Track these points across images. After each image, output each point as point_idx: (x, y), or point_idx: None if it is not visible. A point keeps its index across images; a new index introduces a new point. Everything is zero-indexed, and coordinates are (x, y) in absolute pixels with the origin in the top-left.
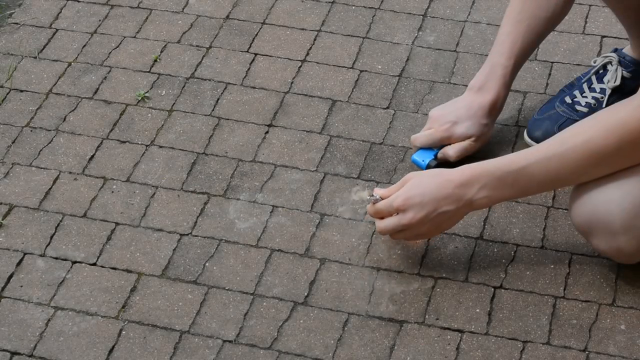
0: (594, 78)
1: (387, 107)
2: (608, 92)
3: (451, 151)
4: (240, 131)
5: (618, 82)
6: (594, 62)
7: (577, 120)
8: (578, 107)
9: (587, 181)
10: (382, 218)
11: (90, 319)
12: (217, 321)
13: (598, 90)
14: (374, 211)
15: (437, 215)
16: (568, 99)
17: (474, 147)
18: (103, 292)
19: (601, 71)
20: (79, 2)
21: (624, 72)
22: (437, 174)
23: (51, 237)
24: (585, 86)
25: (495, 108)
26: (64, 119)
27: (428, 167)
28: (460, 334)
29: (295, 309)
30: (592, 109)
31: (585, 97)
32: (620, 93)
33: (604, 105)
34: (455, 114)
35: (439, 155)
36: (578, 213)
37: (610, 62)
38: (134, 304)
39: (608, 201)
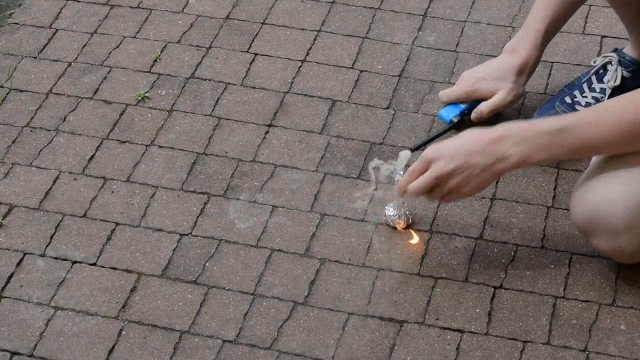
0: (594, 78)
1: (387, 107)
2: (608, 92)
3: (484, 107)
4: (240, 131)
5: (618, 82)
6: (594, 62)
7: None
8: (578, 107)
9: (619, 153)
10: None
11: (90, 319)
12: (217, 321)
13: (598, 90)
14: (408, 173)
15: (468, 168)
16: (568, 99)
17: (505, 101)
18: (103, 292)
19: (601, 71)
20: (79, 2)
21: (624, 72)
22: (470, 132)
23: (51, 237)
24: (585, 86)
25: (525, 68)
26: (64, 119)
27: (451, 122)
28: (460, 334)
29: (295, 309)
30: None
31: (585, 97)
32: (620, 93)
33: None
34: (484, 72)
35: (473, 115)
36: (579, 212)
37: (610, 62)
38: (134, 304)
39: (611, 200)
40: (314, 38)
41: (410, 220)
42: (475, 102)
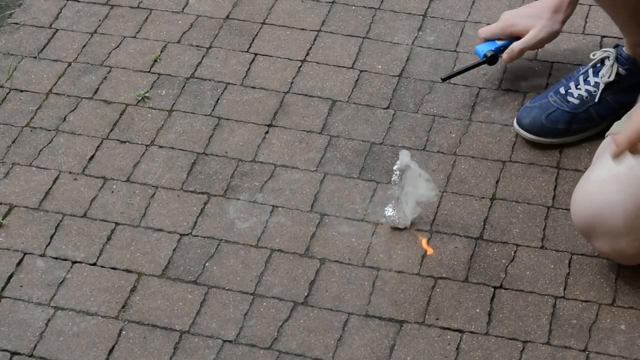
0: (590, 71)
1: (387, 107)
2: (601, 86)
3: (515, 45)
4: (240, 131)
5: (612, 78)
6: (593, 55)
7: (567, 111)
8: (570, 98)
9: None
10: None
11: (90, 319)
12: (217, 321)
13: (592, 83)
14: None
15: None
16: (562, 90)
17: (536, 38)
18: (103, 292)
19: (599, 65)
20: (79, 2)
21: (619, 68)
22: None
23: (51, 237)
24: (581, 78)
25: (561, 6)
26: (64, 119)
27: (484, 56)
28: (460, 334)
29: (295, 309)
30: (584, 101)
31: (579, 89)
32: (614, 89)
33: (596, 100)
34: (522, 11)
35: (505, 56)
36: (579, 215)
37: (608, 57)
38: (134, 304)
39: (611, 203)
40: (314, 38)
41: (411, 221)
42: (511, 40)
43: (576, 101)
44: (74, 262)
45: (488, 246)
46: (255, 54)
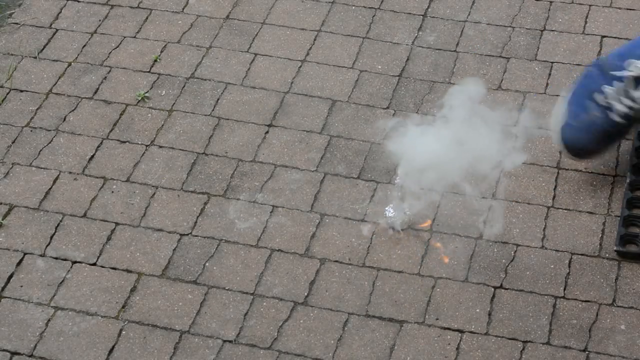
0: (632, 83)
1: (387, 107)
2: None
3: None
4: (240, 131)
5: None
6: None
7: (609, 129)
8: (613, 117)
9: None
10: None
11: (90, 319)
12: (217, 321)
13: (635, 97)
14: None
15: None
16: (601, 99)
17: None
18: (103, 292)
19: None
20: (79, 2)
21: None
22: None
23: (51, 237)
24: (620, 88)
25: None
26: (64, 119)
27: None
28: (460, 334)
29: (295, 309)
30: (628, 117)
31: (622, 103)
32: None
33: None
34: None
35: None
36: None
37: None
38: (134, 304)
39: None
40: (314, 38)
41: (411, 221)
42: None
43: (621, 120)
44: (74, 262)
45: (488, 246)
46: (255, 54)
